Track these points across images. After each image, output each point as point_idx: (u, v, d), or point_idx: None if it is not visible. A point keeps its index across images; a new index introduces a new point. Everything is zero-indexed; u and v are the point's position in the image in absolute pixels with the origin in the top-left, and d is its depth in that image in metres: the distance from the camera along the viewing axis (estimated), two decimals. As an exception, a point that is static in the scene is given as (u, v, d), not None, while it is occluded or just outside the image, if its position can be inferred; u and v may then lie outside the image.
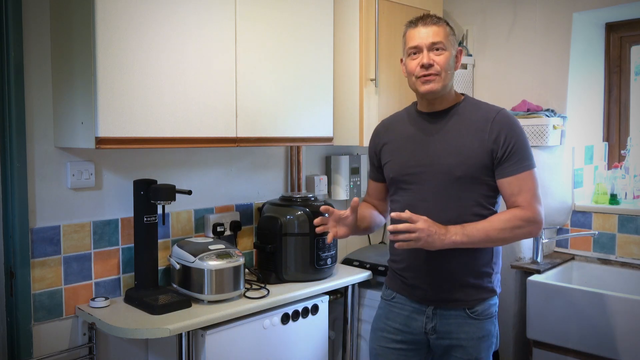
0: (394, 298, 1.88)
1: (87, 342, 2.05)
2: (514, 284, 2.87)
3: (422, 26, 1.74)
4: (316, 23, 2.40)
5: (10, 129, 1.88)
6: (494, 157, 1.71)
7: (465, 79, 3.11)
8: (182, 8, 1.95)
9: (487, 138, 1.71)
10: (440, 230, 1.62)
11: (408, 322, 1.83)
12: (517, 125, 1.75)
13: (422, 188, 1.77)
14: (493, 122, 1.73)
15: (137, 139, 1.86)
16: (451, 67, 1.75)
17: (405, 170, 1.80)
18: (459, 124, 1.77)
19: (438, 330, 1.79)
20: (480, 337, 1.77)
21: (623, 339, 2.37)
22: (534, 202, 1.71)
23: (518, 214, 1.70)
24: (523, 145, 1.72)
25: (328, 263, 2.35)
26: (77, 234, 2.05)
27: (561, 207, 2.96)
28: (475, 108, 1.80)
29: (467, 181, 1.72)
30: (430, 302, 1.79)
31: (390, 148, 1.88)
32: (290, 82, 2.31)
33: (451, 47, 1.75)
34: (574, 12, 2.83)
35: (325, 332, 2.34)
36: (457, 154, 1.73)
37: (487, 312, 1.79)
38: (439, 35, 1.72)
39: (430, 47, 1.72)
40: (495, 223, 1.69)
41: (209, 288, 2.03)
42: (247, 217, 2.56)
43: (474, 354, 1.76)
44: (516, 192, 1.71)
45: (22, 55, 1.88)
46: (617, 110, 3.12)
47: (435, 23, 1.74)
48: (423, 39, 1.73)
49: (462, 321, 1.77)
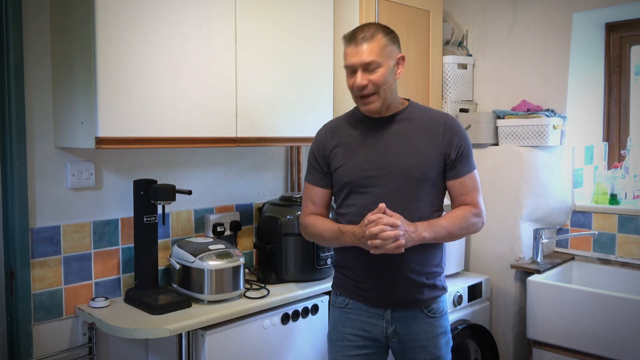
0: (347, 305, 1.84)
1: (87, 342, 2.05)
2: (514, 284, 2.87)
3: (354, 45, 1.69)
4: (316, 23, 2.40)
5: (10, 129, 1.88)
6: (447, 159, 1.78)
7: (465, 79, 3.11)
8: (182, 8, 1.95)
9: (440, 141, 1.77)
10: (410, 228, 1.66)
11: (367, 328, 1.81)
12: (464, 130, 1.83)
13: (379, 191, 1.75)
14: (444, 126, 1.78)
15: (137, 139, 1.86)
16: (388, 81, 1.72)
17: (363, 173, 1.77)
18: (411, 126, 1.79)
19: (399, 332, 1.79)
20: (438, 334, 1.81)
21: (623, 339, 2.37)
22: (479, 199, 1.83)
23: (471, 210, 1.80)
24: (470, 148, 1.82)
25: (328, 263, 2.35)
26: (77, 234, 2.04)
27: (561, 207, 2.97)
28: (422, 112, 1.84)
29: (425, 182, 1.76)
30: (388, 305, 1.79)
31: (341, 152, 1.82)
32: (291, 82, 2.31)
33: (388, 59, 1.71)
34: (574, 12, 2.83)
35: (325, 332, 2.33)
36: (415, 155, 1.75)
37: (441, 309, 1.84)
38: (371, 54, 1.67)
39: (364, 67, 1.69)
40: (454, 219, 1.77)
41: (209, 288, 2.03)
42: (247, 217, 2.56)
43: (435, 352, 1.80)
44: (466, 192, 1.80)
45: (22, 55, 1.88)
46: (617, 110, 3.12)
47: (368, 40, 1.67)
48: (356, 59, 1.69)
49: (421, 321, 1.80)
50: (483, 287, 2.82)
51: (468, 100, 3.14)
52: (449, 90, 3.01)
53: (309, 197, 1.90)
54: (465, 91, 3.12)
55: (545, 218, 2.92)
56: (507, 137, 2.89)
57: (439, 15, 2.91)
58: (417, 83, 2.83)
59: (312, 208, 1.89)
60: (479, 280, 2.81)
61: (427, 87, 2.89)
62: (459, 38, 3.17)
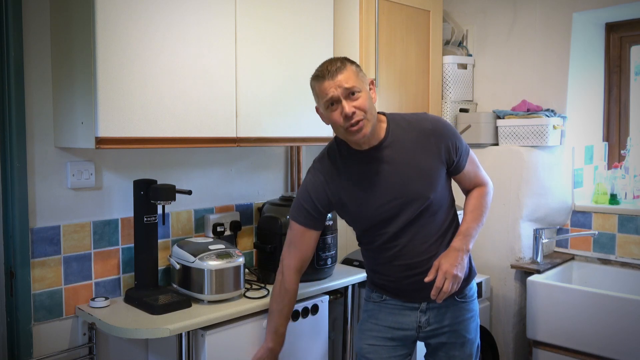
0: (384, 300, 1.90)
1: (87, 342, 2.05)
2: (514, 284, 2.87)
3: (330, 79, 1.65)
4: (316, 23, 2.40)
5: (10, 129, 1.88)
6: (449, 163, 1.82)
7: (465, 79, 3.11)
8: (182, 7, 1.95)
9: (436, 151, 1.78)
10: (453, 254, 1.74)
11: (400, 319, 1.87)
12: (448, 125, 1.83)
13: (400, 219, 1.77)
14: (433, 135, 1.78)
15: (137, 139, 1.86)
16: (371, 104, 1.69)
17: (379, 216, 1.77)
18: (403, 148, 1.77)
19: (431, 322, 1.85)
20: (469, 318, 1.88)
21: (623, 339, 2.37)
22: (483, 174, 1.93)
23: (482, 192, 1.91)
24: (461, 139, 1.84)
25: (328, 263, 2.35)
26: (77, 234, 2.04)
27: (561, 207, 2.97)
28: (406, 126, 1.79)
29: (437, 195, 1.78)
30: (424, 299, 1.84)
31: (347, 197, 1.79)
32: (291, 81, 2.31)
33: (363, 84, 1.69)
34: (574, 12, 2.83)
35: (325, 332, 2.34)
36: (420, 177, 1.76)
37: (471, 293, 1.92)
38: (350, 80, 1.65)
39: (346, 95, 1.65)
40: (477, 212, 1.86)
41: (209, 288, 2.03)
42: (247, 217, 2.56)
43: (466, 335, 1.87)
44: (473, 176, 1.90)
45: (22, 55, 1.88)
46: (617, 110, 3.12)
47: (341, 70, 1.65)
48: (336, 89, 1.64)
49: (453, 307, 1.86)
50: (483, 287, 2.82)
51: (468, 100, 3.14)
52: (449, 90, 3.01)
53: (298, 241, 1.86)
54: (465, 91, 3.12)
55: (545, 218, 2.92)
56: (507, 137, 2.89)
57: (439, 15, 2.91)
58: (417, 83, 2.83)
59: (300, 256, 1.87)
60: (479, 280, 2.80)
61: (427, 87, 2.89)
62: (459, 38, 3.17)
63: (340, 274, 2.46)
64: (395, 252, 1.81)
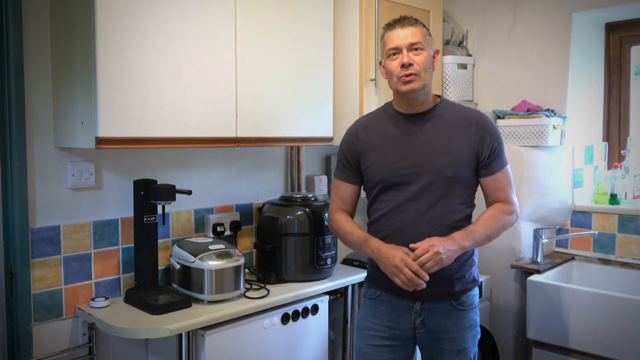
0: (379, 296, 1.89)
1: (87, 342, 2.05)
2: (514, 284, 2.87)
3: (400, 28, 1.78)
4: (316, 23, 2.40)
5: (10, 129, 1.88)
6: (480, 157, 1.81)
7: (465, 79, 3.11)
8: (182, 8, 1.95)
9: (472, 138, 1.81)
10: (449, 241, 1.71)
11: (395, 319, 1.86)
12: (496, 126, 1.87)
13: (411, 188, 1.79)
14: (476, 123, 1.82)
15: (137, 139, 1.86)
16: (429, 66, 1.79)
17: (395, 172, 1.81)
18: (442, 124, 1.82)
19: (427, 324, 1.83)
20: (466, 327, 1.84)
21: (623, 339, 2.37)
22: (512, 194, 1.87)
23: (503, 208, 1.84)
24: (502, 145, 1.86)
25: (328, 263, 2.35)
26: (77, 234, 2.05)
27: (561, 207, 2.97)
28: (454, 109, 1.87)
29: (456, 180, 1.79)
30: (418, 298, 1.82)
31: (372, 150, 1.86)
32: (290, 82, 2.31)
33: (429, 47, 1.80)
34: (574, 12, 2.83)
35: (325, 332, 2.34)
36: (447, 154, 1.79)
37: (471, 302, 1.87)
38: (416, 36, 1.77)
39: (409, 47, 1.76)
40: (489, 222, 1.81)
41: (209, 288, 2.03)
42: (247, 217, 2.56)
43: (462, 344, 1.83)
44: (499, 188, 1.85)
45: (22, 55, 1.88)
46: (617, 110, 3.12)
47: (413, 24, 1.79)
48: (402, 40, 1.77)
49: (449, 313, 1.83)
50: (483, 287, 2.82)
51: (468, 100, 3.14)
52: (449, 90, 3.01)
53: (337, 194, 1.95)
54: (465, 91, 3.12)
55: (545, 218, 2.92)
56: (507, 137, 2.89)
57: (439, 15, 2.91)
58: (417, 83, 2.82)
59: (340, 205, 1.94)
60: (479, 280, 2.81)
61: (427, 87, 2.88)
62: (459, 38, 3.17)
63: (340, 274, 2.46)
64: (399, 225, 1.79)
